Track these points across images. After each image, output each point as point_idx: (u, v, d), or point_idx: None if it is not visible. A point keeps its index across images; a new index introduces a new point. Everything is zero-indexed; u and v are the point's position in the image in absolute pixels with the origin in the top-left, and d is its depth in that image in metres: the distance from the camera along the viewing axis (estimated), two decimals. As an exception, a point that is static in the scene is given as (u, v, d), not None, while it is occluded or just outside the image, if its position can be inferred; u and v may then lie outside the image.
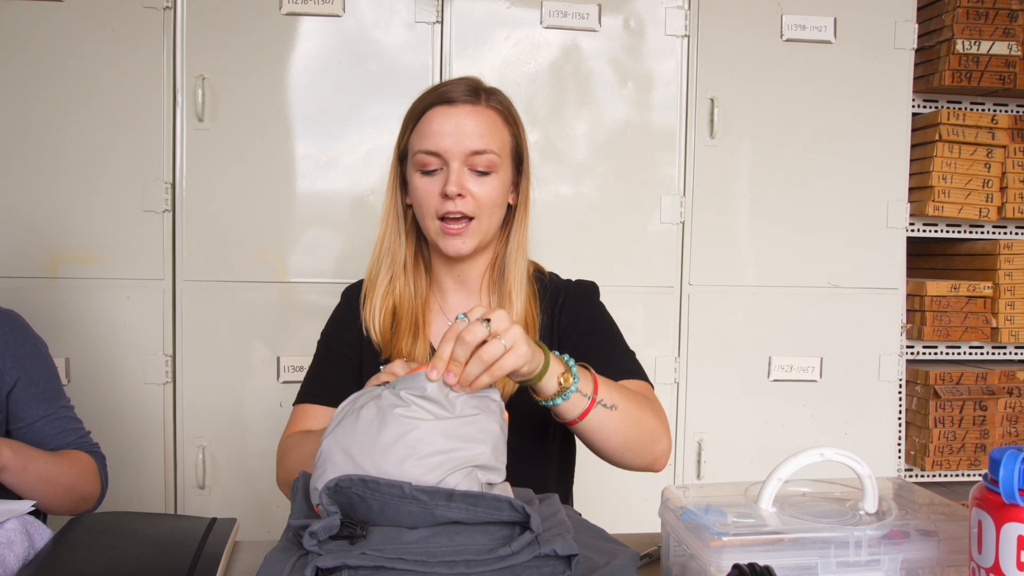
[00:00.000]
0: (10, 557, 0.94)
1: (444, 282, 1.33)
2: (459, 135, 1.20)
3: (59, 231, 2.09)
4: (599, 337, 1.30)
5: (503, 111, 1.26)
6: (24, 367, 1.34)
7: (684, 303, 2.28)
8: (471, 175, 1.21)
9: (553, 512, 0.90)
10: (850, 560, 0.85)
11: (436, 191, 1.21)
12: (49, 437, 1.35)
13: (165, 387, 2.13)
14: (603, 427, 1.08)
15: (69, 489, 1.30)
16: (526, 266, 1.30)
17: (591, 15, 2.20)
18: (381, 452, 0.86)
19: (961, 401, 2.34)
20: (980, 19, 2.32)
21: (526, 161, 1.30)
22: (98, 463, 1.39)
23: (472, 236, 1.23)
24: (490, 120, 1.23)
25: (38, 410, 1.34)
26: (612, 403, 1.07)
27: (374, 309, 1.29)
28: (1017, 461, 0.75)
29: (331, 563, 0.78)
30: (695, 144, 2.26)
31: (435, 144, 1.20)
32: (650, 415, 1.14)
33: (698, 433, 2.29)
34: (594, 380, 1.07)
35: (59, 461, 1.30)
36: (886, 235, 2.34)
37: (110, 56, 2.08)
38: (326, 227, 2.16)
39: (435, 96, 1.23)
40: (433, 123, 1.21)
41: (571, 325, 1.32)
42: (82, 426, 1.42)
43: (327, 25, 2.14)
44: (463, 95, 1.22)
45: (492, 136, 1.22)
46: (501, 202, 1.26)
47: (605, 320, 1.35)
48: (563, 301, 1.34)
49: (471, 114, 1.21)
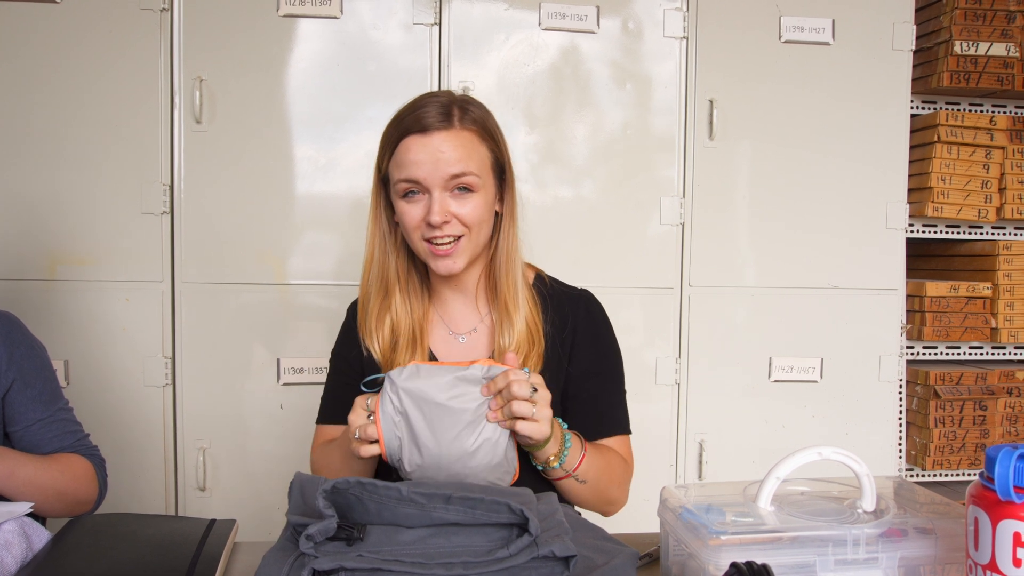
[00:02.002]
0: (8, 559, 0.94)
1: (442, 292, 1.34)
2: (436, 163, 1.20)
3: (57, 233, 2.09)
4: (602, 380, 1.34)
5: (478, 129, 1.25)
6: (20, 369, 1.33)
7: (684, 304, 2.28)
8: (453, 197, 1.22)
9: (551, 512, 0.90)
10: (848, 558, 0.85)
11: (420, 216, 1.22)
12: (46, 440, 1.34)
13: (165, 389, 2.13)
14: (568, 491, 1.23)
15: (60, 493, 1.28)
16: (520, 271, 1.30)
17: (589, 17, 2.21)
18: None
19: (961, 401, 2.34)
20: (978, 20, 2.32)
21: (508, 171, 1.30)
22: (96, 466, 1.38)
23: (462, 254, 1.24)
24: (465, 141, 1.23)
25: (34, 413, 1.34)
26: (584, 479, 1.21)
27: (371, 330, 1.31)
28: (1012, 459, 0.75)
29: (328, 565, 0.78)
30: (694, 145, 2.26)
31: (413, 173, 1.21)
32: (615, 486, 1.28)
33: (699, 434, 2.29)
34: (581, 458, 1.19)
35: (50, 466, 1.29)
36: (885, 236, 2.34)
37: (107, 58, 2.09)
38: (325, 229, 2.16)
39: (409, 122, 1.22)
40: (409, 153, 1.21)
41: (584, 347, 1.33)
42: (80, 429, 1.41)
43: (325, 27, 2.15)
44: (437, 121, 1.21)
45: (470, 157, 1.22)
46: (487, 217, 1.26)
47: (612, 359, 1.37)
48: (571, 309, 1.34)
49: (446, 139, 1.21)
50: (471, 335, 1.33)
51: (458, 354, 1.32)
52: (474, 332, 1.33)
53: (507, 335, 1.27)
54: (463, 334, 1.33)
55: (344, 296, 2.13)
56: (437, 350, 1.32)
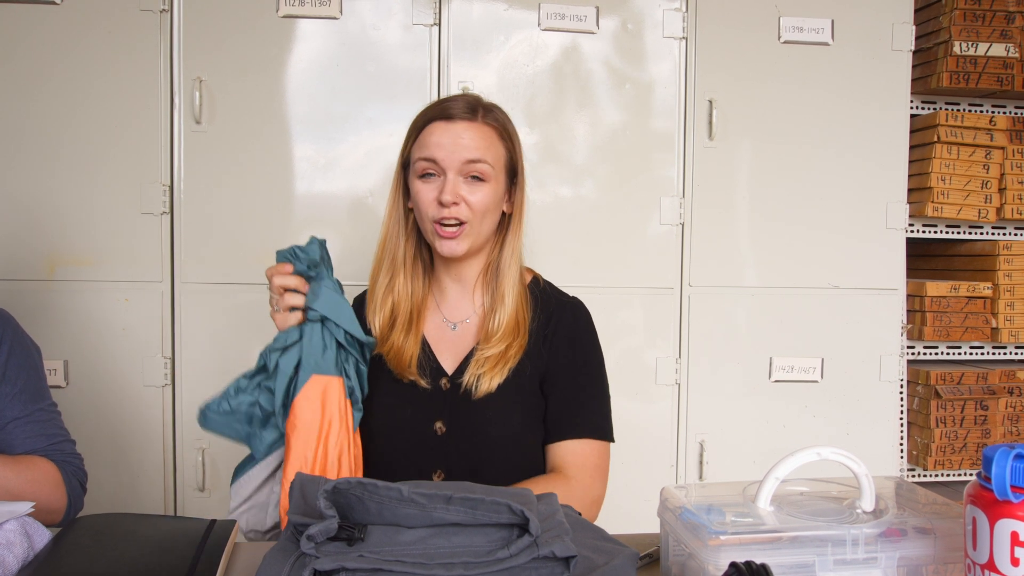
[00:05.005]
0: (9, 558, 0.94)
1: (443, 280, 1.41)
2: (455, 147, 1.30)
3: (57, 233, 2.09)
4: (578, 382, 1.37)
5: (499, 128, 1.35)
6: (4, 366, 1.31)
7: (684, 304, 2.28)
8: (465, 183, 1.31)
9: (551, 512, 0.90)
10: (847, 558, 0.85)
11: (433, 197, 1.31)
12: (19, 440, 1.30)
13: (164, 389, 2.13)
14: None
15: (13, 495, 1.21)
16: (519, 270, 1.38)
17: (589, 17, 2.21)
18: None
19: (962, 401, 2.34)
20: (977, 21, 2.32)
21: (520, 174, 1.39)
22: (66, 473, 1.32)
23: (465, 239, 1.32)
24: (485, 135, 1.33)
25: (12, 411, 1.30)
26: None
27: (375, 306, 1.39)
28: (1009, 459, 0.75)
29: (330, 565, 0.79)
30: (694, 145, 2.26)
31: (433, 153, 1.30)
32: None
33: (700, 434, 2.29)
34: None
35: (4, 466, 1.23)
36: (886, 236, 2.34)
37: (107, 59, 2.09)
38: (324, 229, 2.16)
39: (436, 111, 1.33)
40: (432, 136, 1.31)
41: (562, 346, 1.38)
42: (62, 433, 1.36)
43: (325, 27, 2.15)
44: (462, 112, 1.32)
45: (487, 149, 1.32)
46: (493, 209, 1.34)
47: (591, 363, 1.40)
48: (556, 310, 1.41)
49: (468, 128, 1.31)
50: (463, 325, 1.40)
51: (449, 341, 1.39)
52: (466, 323, 1.40)
53: (495, 322, 1.34)
54: (456, 323, 1.40)
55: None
56: (430, 335, 1.40)
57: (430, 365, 1.36)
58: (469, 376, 1.32)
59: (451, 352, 1.38)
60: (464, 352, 1.37)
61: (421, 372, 1.35)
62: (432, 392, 1.35)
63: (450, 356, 1.38)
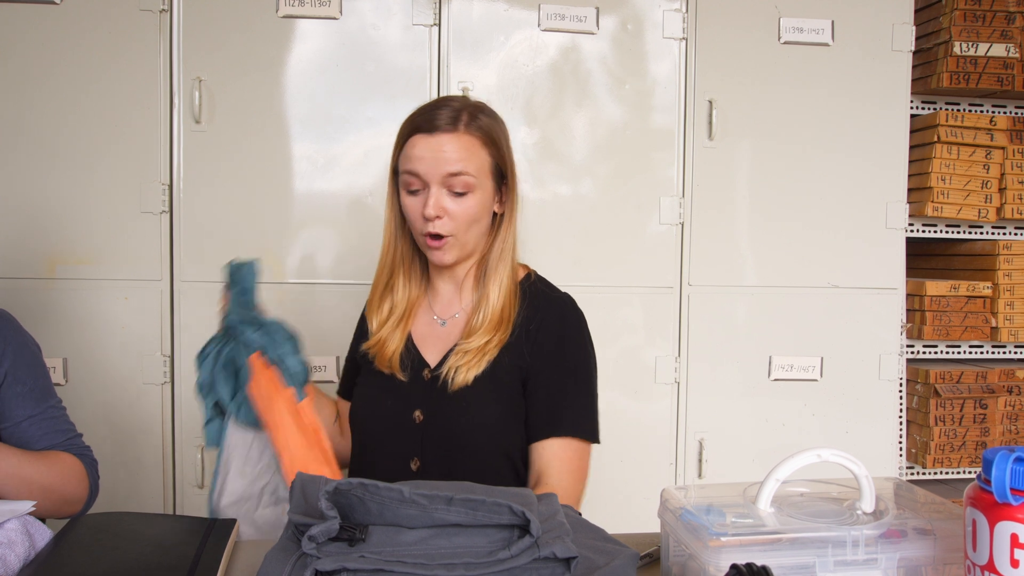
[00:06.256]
0: (11, 557, 0.94)
1: (435, 279, 1.46)
2: (436, 160, 1.31)
3: (56, 232, 2.09)
4: (560, 379, 1.38)
5: (482, 135, 1.35)
6: (12, 365, 1.33)
7: (684, 303, 2.28)
8: (449, 195, 1.32)
9: (552, 513, 0.90)
10: (847, 559, 0.85)
11: (419, 211, 1.33)
12: (36, 438, 1.33)
13: (163, 387, 2.13)
14: None
15: (47, 490, 1.26)
16: (510, 267, 1.40)
17: (589, 17, 2.21)
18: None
19: (961, 400, 2.34)
20: (977, 21, 2.32)
21: (511, 177, 1.39)
22: (87, 466, 1.36)
23: (451, 250, 1.35)
24: (467, 145, 1.33)
25: (24, 410, 1.33)
26: None
27: (374, 304, 1.45)
28: (1009, 461, 0.76)
29: (331, 566, 0.79)
30: (694, 145, 2.26)
31: (415, 167, 1.32)
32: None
33: (699, 433, 2.29)
34: None
35: (38, 461, 1.27)
36: (885, 235, 2.34)
37: (107, 58, 2.09)
38: (324, 228, 2.16)
39: (420, 121, 1.34)
40: (415, 149, 1.33)
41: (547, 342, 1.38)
42: (73, 428, 1.40)
43: (324, 27, 2.15)
44: (444, 123, 1.32)
45: (469, 160, 1.32)
46: (480, 217, 1.36)
47: (576, 361, 1.40)
48: (544, 305, 1.41)
49: (449, 140, 1.32)
50: (451, 320, 1.42)
51: (436, 336, 1.42)
52: (455, 318, 1.42)
53: (479, 317, 1.37)
54: (445, 319, 1.43)
55: (342, 294, 2.13)
56: (419, 332, 1.43)
57: (413, 359, 1.40)
58: (447, 368, 1.35)
59: (436, 346, 1.41)
60: (449, 346, 1.40)
61: (403, 366, 1.39)
62: (413, 383, 1.39)
63: (435, 350, 1.41)
